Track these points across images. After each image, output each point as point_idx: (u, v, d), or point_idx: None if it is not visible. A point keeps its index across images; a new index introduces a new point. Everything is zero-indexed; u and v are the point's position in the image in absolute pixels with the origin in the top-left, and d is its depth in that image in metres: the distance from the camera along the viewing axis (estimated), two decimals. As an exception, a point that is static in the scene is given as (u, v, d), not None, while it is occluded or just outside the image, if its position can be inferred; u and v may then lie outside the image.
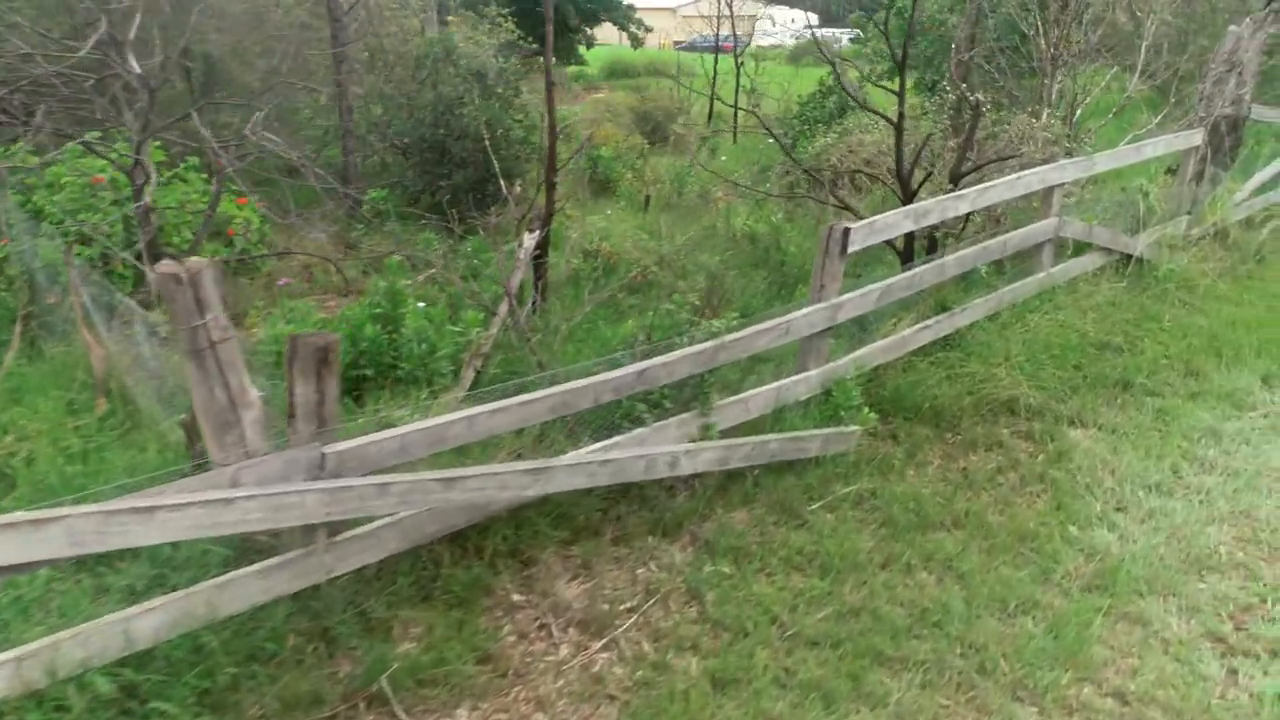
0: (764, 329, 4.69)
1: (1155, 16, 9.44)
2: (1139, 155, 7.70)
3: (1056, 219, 6.77)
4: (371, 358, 5.07)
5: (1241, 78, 10.20)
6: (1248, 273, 8.58)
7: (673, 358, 4.32)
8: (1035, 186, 6.44)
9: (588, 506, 4.32)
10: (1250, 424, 5.54)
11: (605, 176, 10.12)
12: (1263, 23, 10.09)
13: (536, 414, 3.86)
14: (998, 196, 6.11)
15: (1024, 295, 6.61)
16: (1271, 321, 7.21)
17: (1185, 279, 7.89)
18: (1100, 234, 7.36)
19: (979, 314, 6.19)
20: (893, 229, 5.26)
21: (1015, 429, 5.46)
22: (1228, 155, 10.31)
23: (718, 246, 7.66)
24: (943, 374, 5.67)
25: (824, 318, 5.03)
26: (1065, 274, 7.11)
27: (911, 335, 5.73)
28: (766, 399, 4.91)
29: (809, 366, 5.16)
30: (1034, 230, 6.61)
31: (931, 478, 4.95)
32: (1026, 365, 5.83)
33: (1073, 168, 6.79)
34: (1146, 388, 6.00)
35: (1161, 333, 6.84)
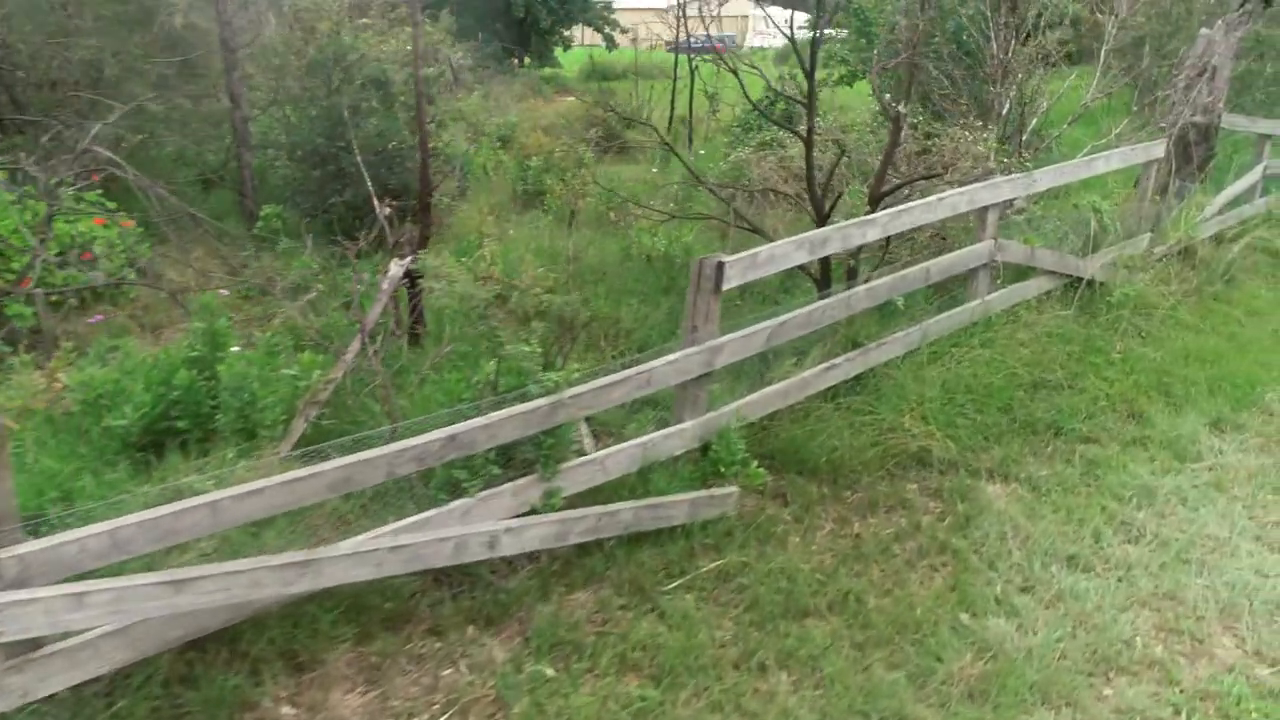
0: (615, 381, 4.08)
1: (1116, 19, 8.80)
2: (1090, 170, 7.07)
3: (991, 242, 6.15)
4: (187, 408, 4.47)
5: (1213, 83, 9.58)
6: (1214, 295, 7.95)
7: (495, 419, 3.71)
8: (962, 208, 5.83)
9: (395, 592, 3.72)
10: (1190, 480, 4.92)
11: (535, 189, 9.52)
12: (1236, 24, 9.46)
13: (309, 494, 3.26)
14: (914, 220, 5.49)
15: (953, 327, 5.99)
16: (1230, 353, 6.59)
17: (1142, 303, 7.26)
18: (1045, 256, 6.74)
19: (897, 350, 5.58)
20: (780, 262, 4.64)
21: (925, 485, 4.84)
22: (1197, 166, 9.69)
23: (631, 271, 7.04)
24: (847, 421, 5.05)
25: (698, 363, 4.42)
26: (1005, 301, 6.48)
27: (814, 377, 5.11)
28: (629, 457, 4.30)
29: (684, 417, 4.55)
30: (964, 255, 5.99)
31: (818, 547, 4.34)
32: (945, 410, 5.21)
33: (1009, 186, 6.17)
34: (1081, 433, 5.39)
35: (1108, 367, 6.22)
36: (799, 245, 4.72)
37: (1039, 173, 6.46)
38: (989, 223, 6.13)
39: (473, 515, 3.76)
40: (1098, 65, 12.31)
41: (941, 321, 5.91)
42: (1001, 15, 7.82)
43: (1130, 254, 7.72)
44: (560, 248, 7.21)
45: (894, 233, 5.41)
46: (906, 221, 5.41)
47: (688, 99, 14.12)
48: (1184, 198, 9.01)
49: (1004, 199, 6.13)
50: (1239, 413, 5.70)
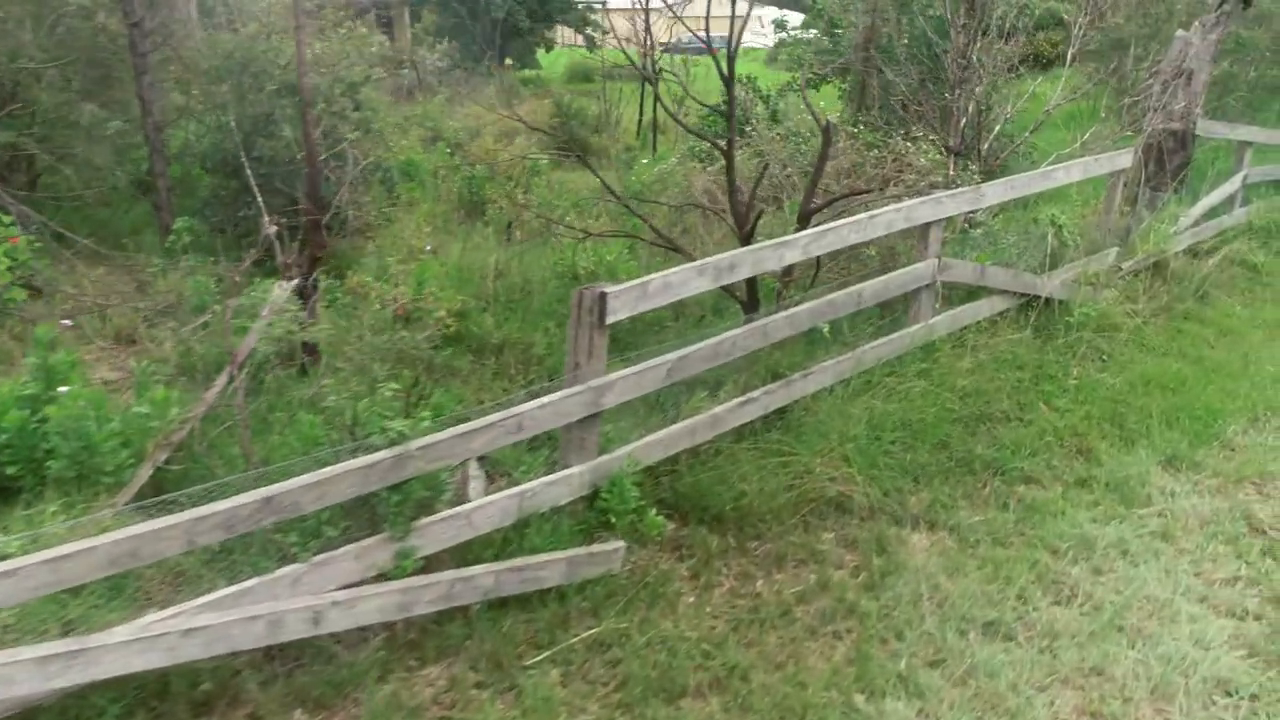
0: (476, 429, 3.65)
1: (1083, 20, 8.35)
2: (1048, 182, 6.63)
3: (934, 261, 5.72)
4: (18, 453, 4.04)
5: (1190, 88, 9.13)
6: (1184, 313, 7.50)
7: (324, 476, 3.28)
8: (899, 226, 5.39)
9: (213, 671, 3.29)
10: (1135, 528, 4.47)
11: (479, 199, 9.09)
12: (1213, 26, 9.01)
13: (81, 573, 2.83)
14: (842, 240, 5.05)
15: (891, 354, 5.55)
16: (1194, 380, 6.14)
17: (1105, 323, 6.82)
18: (996, 275, 6.29)
19: (826, 380, 5.14)
20: (677, 290, 4.20)
21: (842, 535, 4.41)
22: (1173, 175, 9.25)
23: (556, 291, 6.60)
24: (760, 463, 4.61)
25: (580, 405, 3.99)
26: (951, 324, 6.04)
27: (727, 412, 4.68)
28: (502, 510, 3.86)
29: (571, 462, 4.12)
30: (902, 277, 5.55)
31: (713, 609, 3.90)
32: (870, 448, 4.77)
33: (953, 201, 5.73)
34: (1022, 473, 4.95)
35: (1060, 396, 5.78)
36: (700, 272, 4.28)
37: (988, 186, 6.01)
38: (931, 241, 5.69)
39: (304, 584, 3.34)
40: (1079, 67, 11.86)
41: (878, 348, 5.47)
42: (960, 16, 7.38)
43: (1094, 270, 7.28)
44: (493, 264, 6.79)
45: (818, 254, 4.96)
46: (833, 241, 4.97)
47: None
48: (1157, 208, 8.58)
49: (947, 215, 5.69)
50: (1197, 449, 5.25)
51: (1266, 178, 9.71)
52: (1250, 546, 4.36)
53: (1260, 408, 5.83)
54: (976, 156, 7.44)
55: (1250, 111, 10.88)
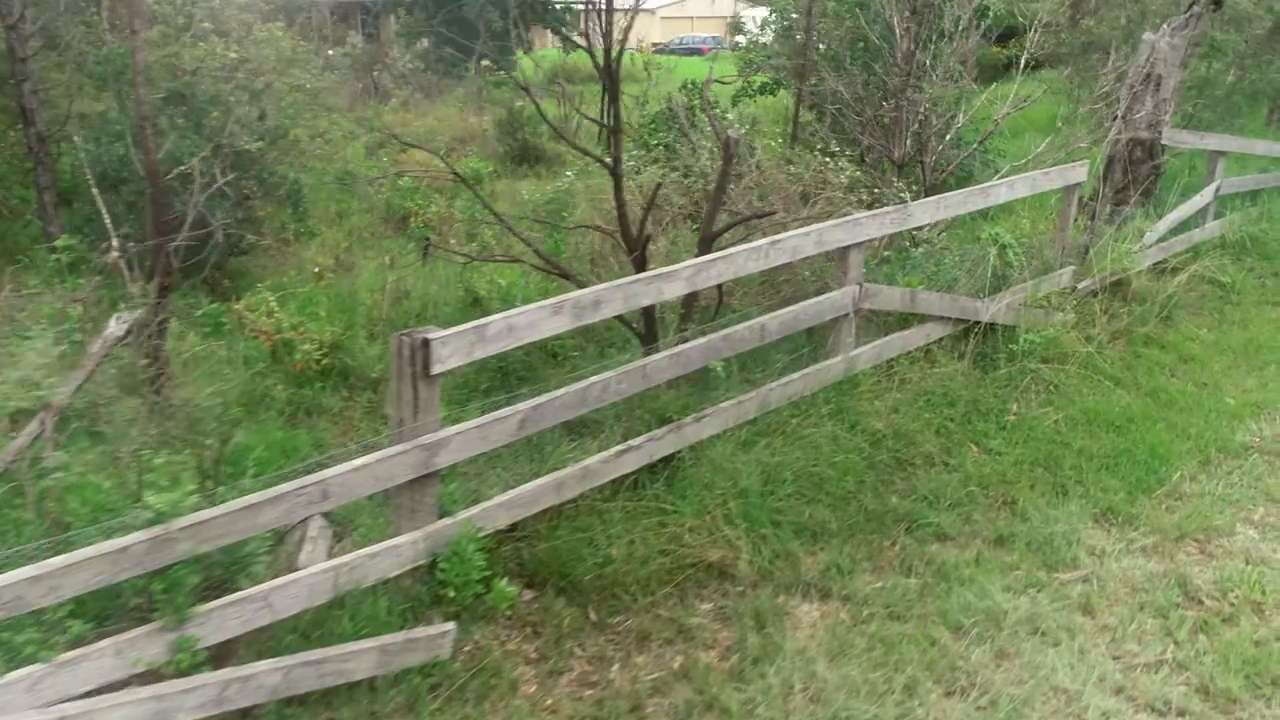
0: (262, 502, 3.15)
1: (1039, 22, 7.83)
2: (989, 199, 6.11)
3: (855, 288, 5.21)
4: None
5: (1158, 94, 8.61)
6: (1145, 337, 6.98)
7: (58, 565, 2.78)
8: (807, 251, 4.88)
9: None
10: (1053, 598, 3.96)
11: (403, 213, 8.60)
12: (1182, 28, 8.49)
13: None
14: (736, 269, 4.54)
15: (804, 391, 5.04)
16: (1146, 416, 5.63)
17: (1054, 351, 6.31)
18: (930, 300, 5.79)
19: (725, 423, 4.63)
20: (523, 333, 3.69)
21: (720, 607, 3.90)
22: (1141, 187, 8.73)
23: (456, 318, 6.09)
24: (634, 522, 4.11)
25: (409, 465, 3.49)
26: (877, 355, 5.54)
27: (602, 464, 4.17)
28: (311, 588, 3.36)
29: (402, 529, 3.62)
30: (816, 306, 5.05)
31: (554, 702, 3.40)
32: (765, 502, 4.27)
33: (874, 222, 5.22)
34: (937, 529, 4.44)
35: (995, 435, 5.28)
36: (556, 310, 3.77)
37: (916, 206, 5.50)
38: (851, 266, 5.18)
39: (44, 688, 2.83)
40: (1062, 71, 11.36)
41: (788, 386, 4.96)
42: (904, 19, 6.86)
43: (1046, 292, 6.76)
44: (389, 286, 6.28)
45: (706, 285, 4.45)
46: (724, 271, 4.46)
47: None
48: (1120, 223, 8.06)
49: (867, 238, 5.18)
50: (1136, 499, 4.74)
51: (1242, 188, 9.18)
52: (1182, 621, 3.85)
53: (1213, 449, 5.32)
54: (922, 169, 6.92)
55: (1227, 118, 10.35)
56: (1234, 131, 10.99)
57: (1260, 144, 9.37)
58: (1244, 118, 10.66)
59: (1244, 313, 7.77)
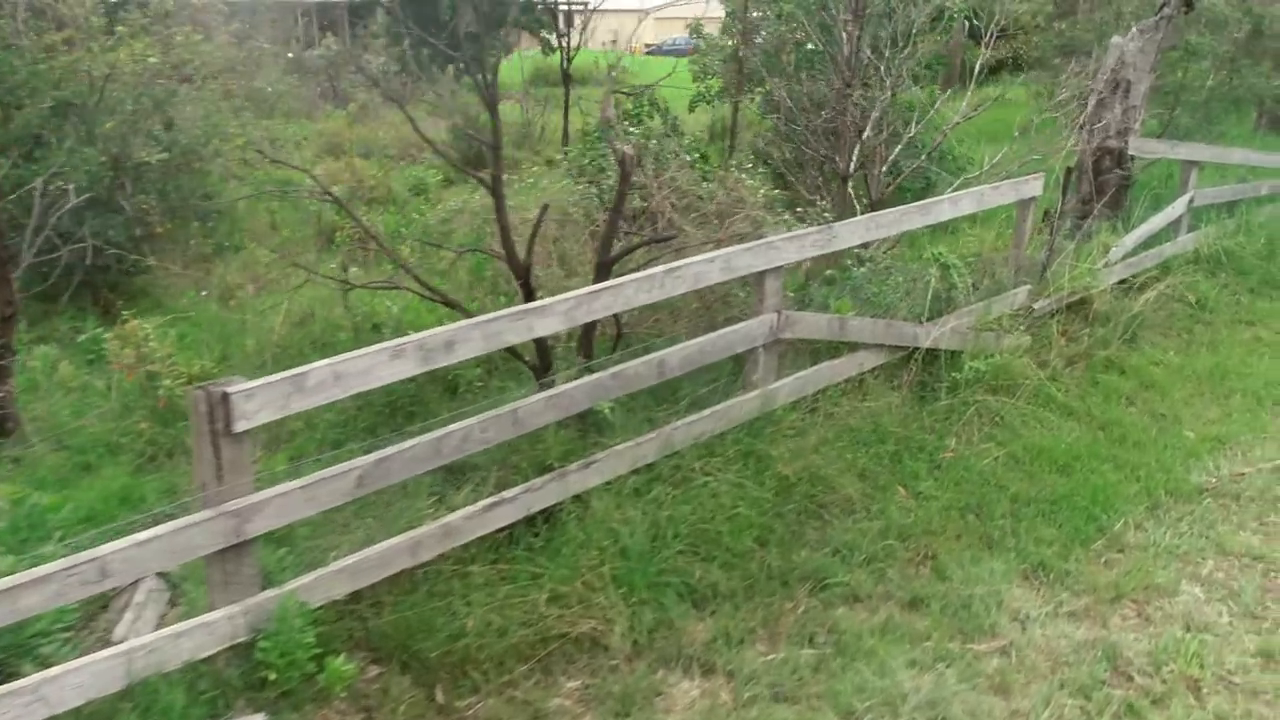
0: (21, 584, 2.72)
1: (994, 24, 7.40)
2: (930, 216, 5.67)
3: (773, 316, 4.79)
4: None
5: (1128, 100, 8.18)
6: (1105, 361, 6.55)
7: None
8: (713, 278, 4.46)
9: None
10: (963, 676, 3.52)
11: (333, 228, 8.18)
12: (1152, 32, 8.06)
13: None
14: (626, 301, 4.10)
15: (713, 430, 4.61)
16: (1093, 452, 5.20)
17: (1002, 379, 5.88)
18: (862, 327, 5.36)
19: (615, 470, 4.20)
20: (351, 381, 3.26)
21: (588, 685, 3.47)
22: (1110, 198, 8.31)
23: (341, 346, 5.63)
24: (498, 588, 3.68)
25: (217, 534, 3.06)
26: (801, 388, 5.11)
27: (467, 520, 3.75)
28: (99, 675, 2.93)
29: (216, 603, 3.19)
30: (726, 338, 4.62)
31: (375, 807, 2.98)
32: (651, 561, 3.84)
33: (793, 245, 4.79)
34: (847, 590, 4.01)
35: (925, 477, 4.85)
36: (397, 354, 3.35)
37: (842, 226, 5.06)
38: (768, 293, 4.75)
39: None
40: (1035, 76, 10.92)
41: (694, 425, 4.53)
42: (846, 22, 6.43)
43: (998, 313, 6.34)
44: (283, 311, 5.85)
45: (583, 322, 4.02)
46: (610, 304, 4.03)
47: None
48: (1084, 238, 7.63)
49: (786, 262, 4.75)
50: (1072, 553, 4.30)
51: (1217, 199, 8.74)
52: (1106, 702, 3.42)
53: (1164, 491, 4.89)
54: (867, 182, 6.49)
55: (1205, 125, 9.91)
56: (1216, 138, 10.57)
57: (1236, 152, 8.93)
58: (1223, 124, 10.20)
59: (1214, 333, 7.33)
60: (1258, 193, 9.14)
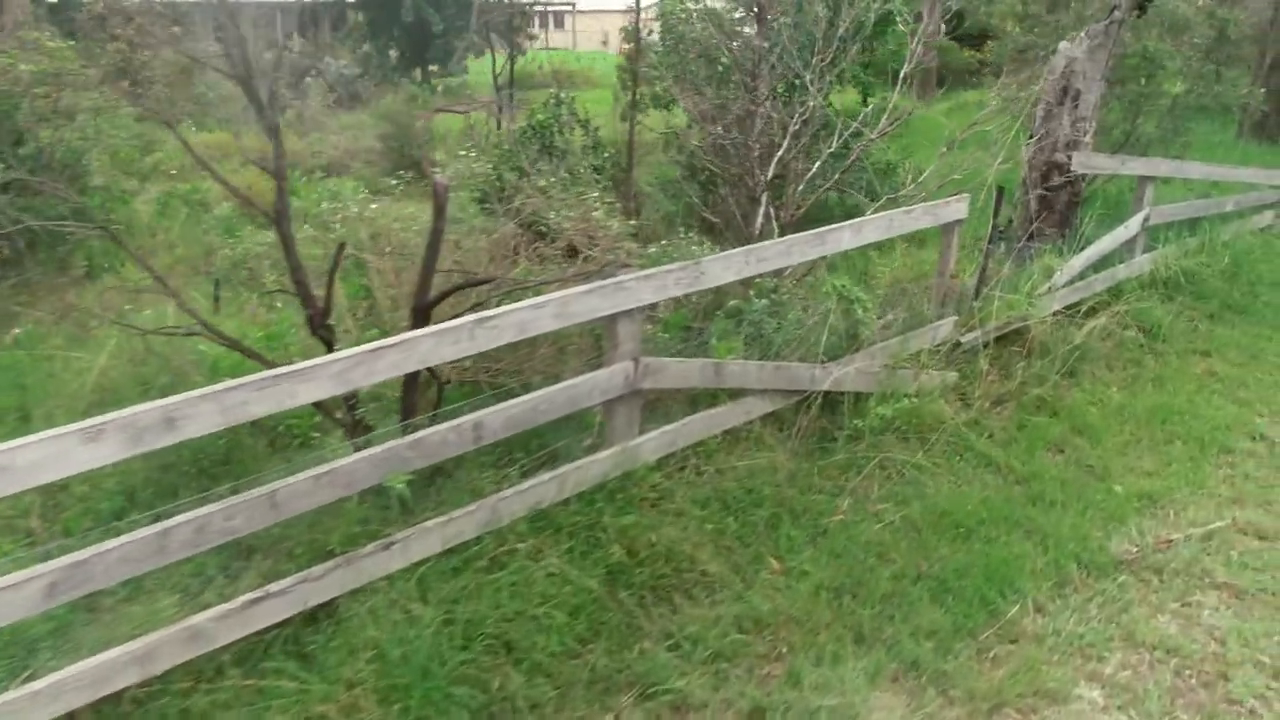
0: None
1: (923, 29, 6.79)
2: (824, 246, 5.06)
3: (629, 364, 4.20)
4: None
5: (1077, 111, 7.58)
6: (1038, 400, 5.95)
7: None
8: (544, 325, 3.86)
9: None
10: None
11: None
12: (1102, 37, 7.45)
13: None
14: (420, 359, 3.50)
15: (556, 497, 4.02)
16: (1002, 516, 4.60)
17: (915, 424, 5.31)
18: (744, 372, 4.77)
19: (424, 551, 3.62)
20: (25, 476, 2.67)
21: (334, 834, 2.88)
22: (1059, 218, 7.72)
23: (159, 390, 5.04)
24: (240, 709, 3.09)
25: None
26: (670, 443, 4.53)
27: (219, 621, 3.16)
28: None
29: None
30: (566, 392, 4.02)
31: None
32: (437, 673, 3.24)
33: (649, 285, 4.19)
34: (678, 696, 3.41)
35: (803, 547, 4.28)
36: (93, 436, 2.74)
37: (712, 261, 4.46)
38: (621, 339, 4.17)
39: None
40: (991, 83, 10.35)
41: (532, 491, 3.94)
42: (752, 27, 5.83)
43: (917, 348, 5.75)
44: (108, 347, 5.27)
45: (358, 386, 3.42)
46: (400, 362, 3.43)
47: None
48: (1026, 261, 7.04)
49: (639, 304, 4.15)
50: (954, 646, 3.70)
51: (1177, 217, 8.13)
52: None
53: (1076, 564, 4.29)
54: (774, 203, 5.89)
55: (1170, 136, 9.30)
56: (1184, 149, 9.96)
57: (1195, 166, 8.31)
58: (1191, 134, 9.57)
59: (1164, 366, 6.73)
60: (1223, 209, 8.53)
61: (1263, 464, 5.35)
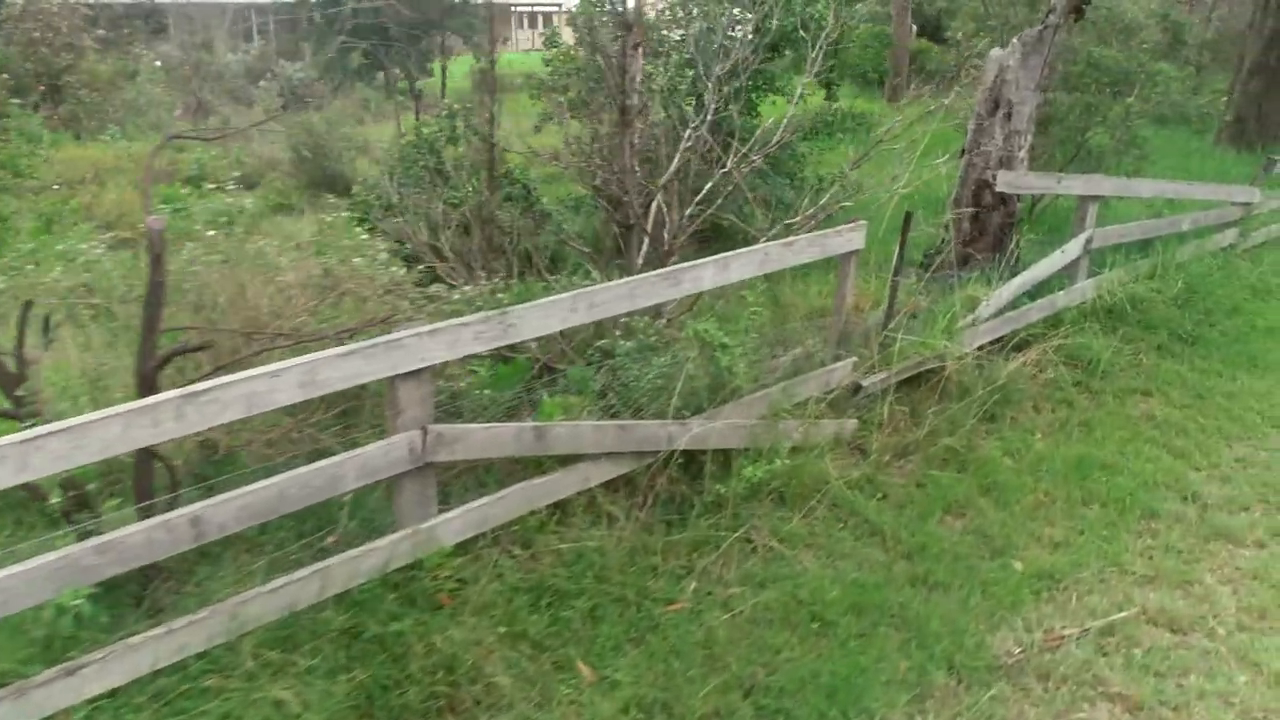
0: None
1: (825, 34, 6.13)
2: (675, 288, 4.39)
3: (415, 434, 3.55)
4: None
5: (1010, 124, 6.93)
6: (945, 451, 5.32)
7: None
8: (284, 397, 3.20)
9: None
10: None
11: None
12: (1035, 44, 6.80)
13: None
14: (104, 447, 2.85)
15: (320, 595, 3.37)
16: (871, 604, 3.97)
17: (794, 486, 4.66)
18: (576, 434, 4.11)
19: (124, 675, 2.98)
20: None
21: None
22: (993, 240, 7.07)
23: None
24: None
25: None
26: (481, 522, 3.88)
27: None
28: None
29: None
30: (326, 472, 3.37)
31: None
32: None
33: (436, 341, 3.53)
34: None
35: (625, 650, 3.64)
36: None
37: (525, 310, 3.80)
38: (403, 404, 3.52)
39: None
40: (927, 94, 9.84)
41: (293, 589, 3.29)
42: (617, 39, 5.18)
43: (807, 396, 5.10)
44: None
45: (20, 481, 2.75)
46: (70, 454, 2.78)
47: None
48: (949, 290, 6.38)
49: (423, 365, 3.50)
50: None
51: (1125, 239, 7.46)
52: None
53: (945, 668, 3.64)
54: (647, 234, 5.24)
55: (1122, 148, 8.63)
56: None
57: (1145, 184, 7.64)
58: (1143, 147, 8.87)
59: (1098, 407, 6.08)
60: (1177, 228, 7.85)
61: (1189, 532, 4.69)
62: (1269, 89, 13.50)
